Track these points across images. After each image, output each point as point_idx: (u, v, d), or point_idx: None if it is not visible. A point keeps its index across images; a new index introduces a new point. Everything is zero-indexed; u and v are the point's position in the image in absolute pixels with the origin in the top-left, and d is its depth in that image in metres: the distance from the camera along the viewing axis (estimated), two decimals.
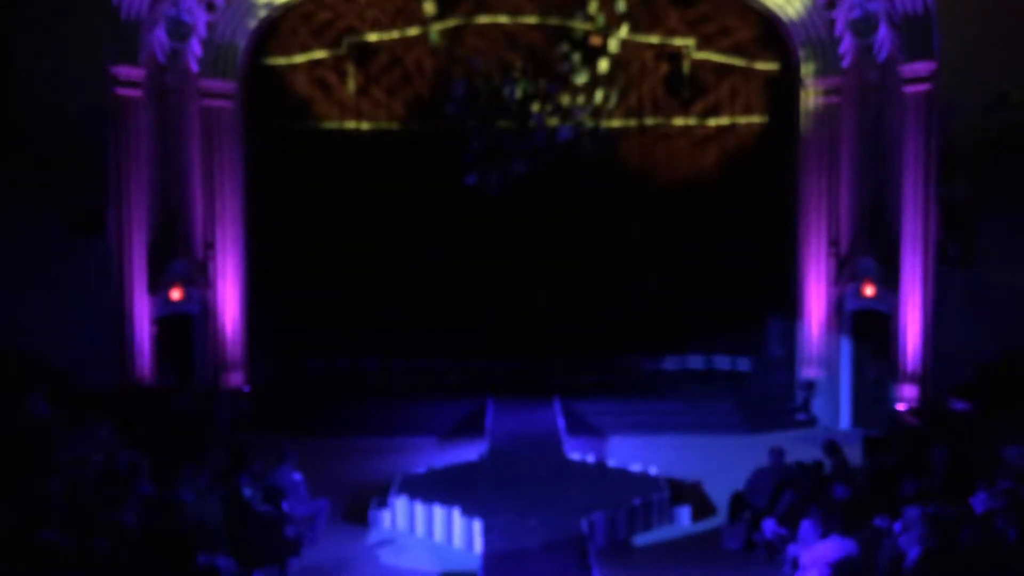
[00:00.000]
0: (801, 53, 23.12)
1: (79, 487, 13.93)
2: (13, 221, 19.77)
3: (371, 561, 15.41)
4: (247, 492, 14.82)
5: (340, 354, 25.12)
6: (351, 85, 24.43)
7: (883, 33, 21.29)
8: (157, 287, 21.51)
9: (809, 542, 13.49)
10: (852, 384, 22.84)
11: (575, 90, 22.63)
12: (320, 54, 24.33)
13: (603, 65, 23.03)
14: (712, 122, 24.81)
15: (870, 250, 22.16)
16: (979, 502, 13.24)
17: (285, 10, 23.60)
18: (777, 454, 16.18)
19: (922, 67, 20.26)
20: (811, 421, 23.23)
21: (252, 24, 23.13)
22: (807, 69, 23.10)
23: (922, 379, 20.59)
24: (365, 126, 24.80)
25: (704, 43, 24.23)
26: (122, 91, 20.31)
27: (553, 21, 23.63)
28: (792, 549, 13.95)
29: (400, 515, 16.50)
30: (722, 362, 25.41)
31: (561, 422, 21.63)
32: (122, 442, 16.41)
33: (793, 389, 23.81)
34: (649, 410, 23.22)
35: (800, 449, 18.05)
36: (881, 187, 22.02)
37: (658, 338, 25.36)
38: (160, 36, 21.29)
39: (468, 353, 25.04)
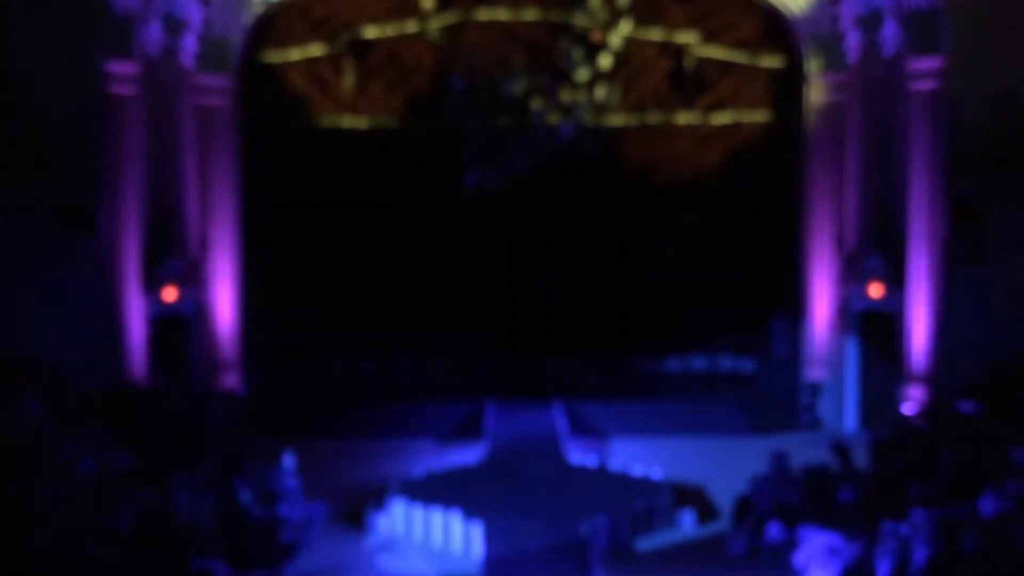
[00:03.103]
0: (806, 49, 23.07)
1: (72, 491, 13.81)
2: (3, 220, 19.67)
3: (368, 566, 15.36)
4: (242, 496, 14.75)
5: (337, 355, 25.04)
6: (348, 81, 24.34)
7: (889, 28, 21.28)
8: (151, 287, 21.45)
9: (813, 545, 13.39)
10: (858, 385, 22.79)
11: (576, 87, 22.60)
12: (317, 50, 24.27)
13: (605, 61, 23.15)
14: (715, 119, 24.74)
15: (877, 249, 22.10)
16: (987, 504, 13.10)
17: (281, 5, 23.54)
18: (780, 459, 16.10)
19: (929, 63, 20.28)
20: (816, 423, 23.18)
21: (247, 19, 23.06)
22: (812, 65, 23.06)
23: (930, 380, 20.58)
24: (362, 123, 24.73)
25: (707, 39, 24.18)
26: (115, 87, 20.27)
27: (554, 16, 23.60)
28: (797, 555, 13.81)
29: (398, 519, 16.35)
30: (726, 363, 25.34)
31: (562, 424, 21.63)
32: (115, 445, 16.32)
33: (798, 390, 23.70)
34: (651, 412, 23.19)
35: (805, 451, 17.97)
36: (888, 185, 21.95)
37: (661, 338, 25.29)
38: (154, 31, 21.21)
39: (467, 354, 24.98)
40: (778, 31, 23.64)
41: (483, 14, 23.98)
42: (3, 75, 19.84)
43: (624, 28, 22.87)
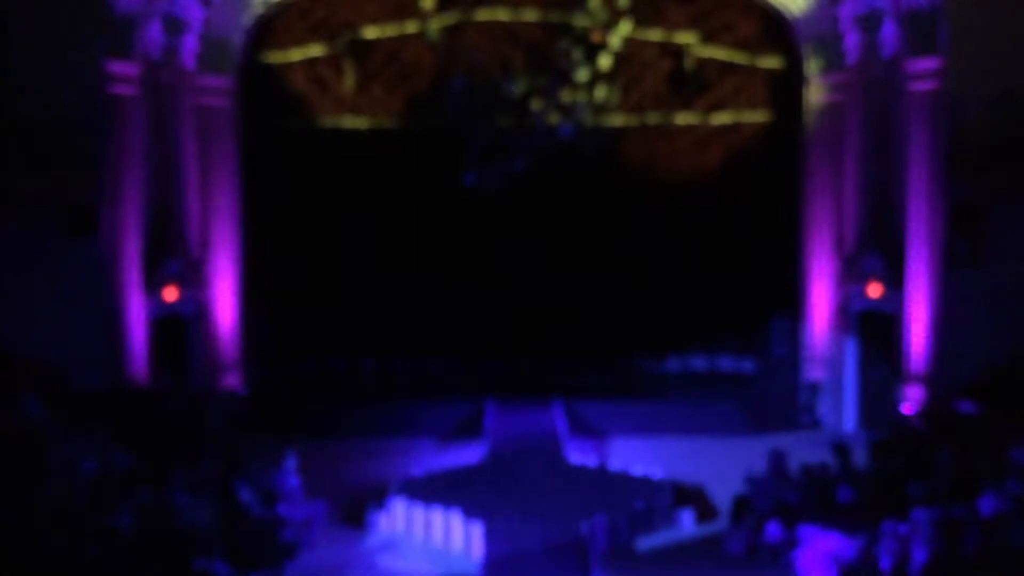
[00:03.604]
0: (805, 50, 23.11)
1: (73, 490, 13.84)
2: (4, 220, 19.72)
3: (368, 565, 15.39)
4: (243, 495, 14.76)
5: (337, 355, 25.11)
6: (348, 82, 24.37)
7: (888, 29, 21.33)
8: (151, 287, 21.50)
9: (812, 545, 13.39)
10: (857, 385, 22.81)
11: (576, 87, 22.65)
12: (317, 50, 24.31)
13: (604, 62, 23.17)
14: (715, 120, 24.77)
15: (876, 249, 22.14)
16: (986, 504, 13.10)
17: (281, 6, 23.60)
18: (777, 458, 16.18)
19: (928, 63, 20.34)
20: (815, 423, 23.19)
21: (248, 20, 23.11)
22: (811, 66, 23.09)
23: (928, 380, 20.62)
24: (363, 123, 24.76)
25: (707, 39, 24.21)
26: (116, 88, 20.34)
27: (554, 17, 23.60)
28: (797, 554, 13.83)
29: (398, 518, 16.43)
30: (725, 363, 25.40)
31: (562, 424, 21.69)
32: (116, 445, 16.33)
33: (797, 390, 23.72)
34: (651, 411, 23.25)
35: (804, 451, 17.91)
36: (887, 185, 21.99)
37: (660, 338, 25.35)
38: (155, 32, 21.30)
39: (467, 354, 25.01)
40: (778, 32, 23.69)
41: (483, 15, 24.01)
42: (4, 75, 19.90)
43: (624, 29, 22.92)
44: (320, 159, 24.66)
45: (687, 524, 16.72)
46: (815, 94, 23.15)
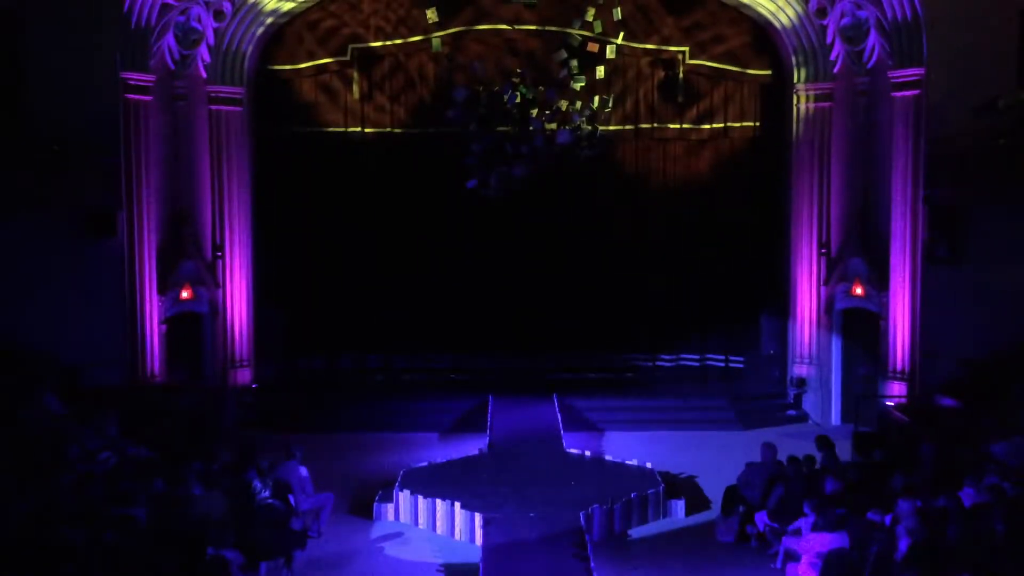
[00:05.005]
0: (793, 60, 23.40)
1: (90, 483, 14.24)
2: (26, 222, 20.09)
3: (375, 553, 15.63)
4: (255, 487, 15.07)
5: (345, 352, 25.37)
6: (355, 91, 24.67)
7: (873, 40, 21.67)
8: (167, 287, 21.87)
9: (802, 535, 13.81)
10: (842, 381, 23.12)
11: (573, 95, 22.90)
12: (325, 61, 24.63)
13: (600, 71, 23.34)
14: (706, 127, 25.03)
15: (859, 251, 22.47)
16: (967, 497, 13.49)
17: (291, 18, 24.01)
18: (770, 449, 16.43)
19: (911, 73, 20.66)
20: (802, 417, 23.51)
21: (259, 31, 23.53)
22: (799, 75, 23.36)
23: (910, 377, 20.91)
24: (369, 131, 25.04)
25: (698, 50, 24.50)
26: (133, 96, 20.75)
27: (552, 29, 23.80)
28: (785, 542, 14.30)
29: (403, 508, 16.76)
30: (716, 359, 25.69)
31: (560, 418, 21.85)
32: (132, 438, 16.67)
33: (785, 386, 24.12)
34: (645, 406, 23.49)
35: (791, 444, 18.32)
36: (870, 190, 22.34)
37: (654, 336, 25.64)
38: (170, 43, 21.79)
39: (469, 351, 25.28)
40: (766, 43, 24.03)
41: (484, 27, 24.29)
42: (25, 85, 20.26)
43: (619, 40, 23.19)
44: (328, 164, 24.91)
45: (679, 513, 17.01)
46: (802, 102, 23.38)
